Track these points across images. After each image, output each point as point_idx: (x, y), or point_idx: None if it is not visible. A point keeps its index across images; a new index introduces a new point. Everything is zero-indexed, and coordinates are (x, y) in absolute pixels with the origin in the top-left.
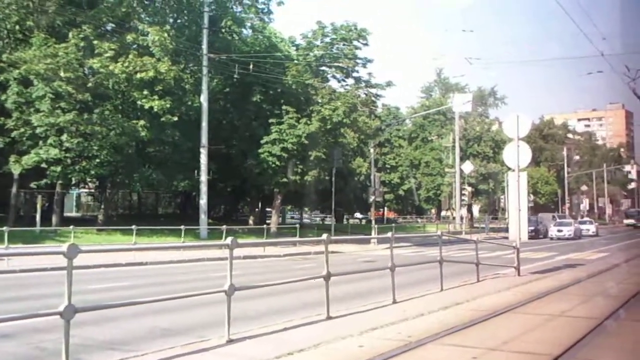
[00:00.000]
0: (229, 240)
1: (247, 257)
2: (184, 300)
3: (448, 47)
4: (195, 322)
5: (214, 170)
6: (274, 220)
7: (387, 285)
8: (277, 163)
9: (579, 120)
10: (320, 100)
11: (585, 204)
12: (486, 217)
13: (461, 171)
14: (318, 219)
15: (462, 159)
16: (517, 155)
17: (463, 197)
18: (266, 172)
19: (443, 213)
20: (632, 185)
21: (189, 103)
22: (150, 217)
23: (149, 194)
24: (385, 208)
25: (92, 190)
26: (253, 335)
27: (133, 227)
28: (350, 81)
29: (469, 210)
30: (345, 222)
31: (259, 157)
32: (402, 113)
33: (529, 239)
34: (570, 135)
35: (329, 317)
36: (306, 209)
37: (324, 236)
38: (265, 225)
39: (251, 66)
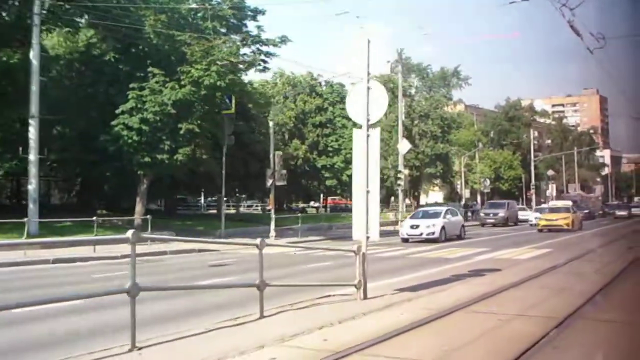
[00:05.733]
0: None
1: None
2: None
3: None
4: None
5: (60, 147)
6: (137, 210)
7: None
8: (136, 138)
9: (553, 106)
10: (193, 59)
11: (552, 190)
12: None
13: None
14: (259, 207)
15: (409, 140)
16: (366, 102)
17: (399, 182)
18: (123, 150)
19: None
20: (606, 170)
21: (4, 59)
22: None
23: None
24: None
25: None
26: None
27: None
28: (238, 38)
29: (414, 198)
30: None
31: (112, 130)
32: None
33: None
34: (538, 119)
35: None
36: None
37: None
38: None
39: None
